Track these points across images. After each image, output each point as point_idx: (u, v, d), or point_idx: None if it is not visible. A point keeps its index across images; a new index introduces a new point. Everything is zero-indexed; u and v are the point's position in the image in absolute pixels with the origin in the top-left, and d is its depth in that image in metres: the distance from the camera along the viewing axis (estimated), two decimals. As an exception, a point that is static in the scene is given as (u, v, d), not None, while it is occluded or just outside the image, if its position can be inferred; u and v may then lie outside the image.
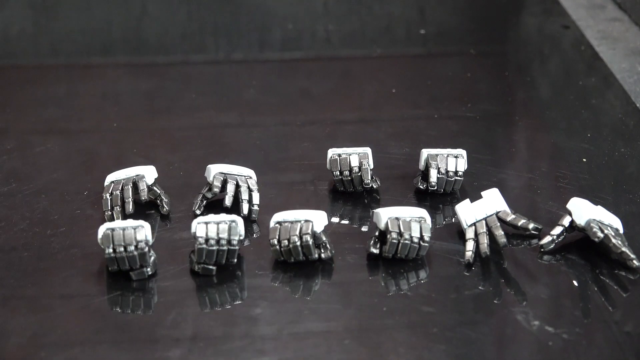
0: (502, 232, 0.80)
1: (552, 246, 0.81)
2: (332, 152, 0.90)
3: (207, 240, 0.77)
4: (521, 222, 0.81)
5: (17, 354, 0.72)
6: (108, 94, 1.13)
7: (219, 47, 1.28)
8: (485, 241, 0.80)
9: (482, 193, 0.83)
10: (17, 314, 0.75)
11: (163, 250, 0.81)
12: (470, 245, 0.80)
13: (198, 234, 0.77)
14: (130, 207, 0.85)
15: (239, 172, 0.88)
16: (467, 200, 0.83)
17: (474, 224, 0.81)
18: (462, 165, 0.89)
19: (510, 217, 0.81)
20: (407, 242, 0.79)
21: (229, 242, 0.78)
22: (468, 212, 0.82)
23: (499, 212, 0.81)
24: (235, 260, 0.79)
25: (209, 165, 0.88)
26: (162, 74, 1.19)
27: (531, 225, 0.82)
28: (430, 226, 0.80)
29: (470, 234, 0.81)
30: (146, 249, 0.77)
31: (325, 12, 1.37)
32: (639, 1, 1.29)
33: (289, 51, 1.27)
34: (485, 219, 0.81)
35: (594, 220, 0.80)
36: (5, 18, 1.34)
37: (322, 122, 1.05)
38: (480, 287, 0.78)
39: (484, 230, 0.80)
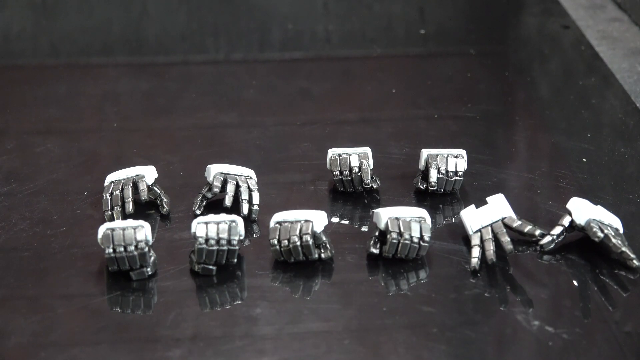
0: (509, 239, 0.79)
1: (552, 246, 0.81)
2: (332, 152, 0.90)
3: (207, 240, 0.77)
4: (527, 228, 0.81)
5: (17, 354, 0.72)
6: (108, 94, 1.13)
7: (219, 47, 1.28)
8: (491, 247, 0.79)
9: (488, 199, 0.83)
10: (17, 314, 0.75)
11: (163, 250, 0.81)
12: (476, 252, 0.79)
13: (198, 234, 0.77)
14: (130, 207, 0.85)
15: (239, 172, 0.88)
16: (472, 206, 0.82)
17: (480, 230, 0.81)
18: (462, 165, 0.89)
19: (517, 224, 0.81)
20: (407, 242, 0.79)
21: (229, 242, 0.78)
22: (473, 218, 0.81)
23: (504, 218, 0.81)
24: (235, 260, 0.79)
25: (209, 165, 0.88)
26: (162, 74, 1.19)
27: (538, 232, 0.81)
28: (430, 226, 0.80)
29: (475, 240, 0.80)
30: (146, 249, 0.77)
31: (325, 12, 1.37)
32: (639, 1, 1.29)
33: (289, 51, 1.27)
34: (491, 225, 0.81)
35: (594, 220, 0.80)
36: (5, 18, 1.34)
37: (322, 122, 1.05)
38: (480, 288, 0.78)
39: (490, 236, 0.80)
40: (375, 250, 0.80)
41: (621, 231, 0.81)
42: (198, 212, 0.86)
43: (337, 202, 0.89)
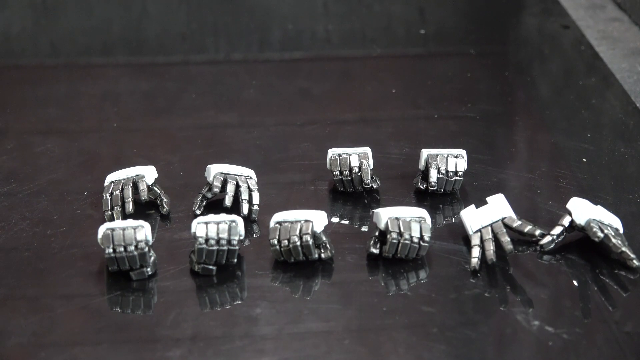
0: (509, 239, 0.79)
1: (552, 246, 0.81)
2: (332, 152, 0.90)
3: (207, 240, 0.77)
4: (527, 228, 0.81)
5: (17, 354, 0.72)
6: (108, 94, 1.13)
7: (219, 47, 1.28)
8: (491, 247, 0.79)
9: (488, 199, 0.82)
10: (17, 314, 0.75)
11: (163, 250, 0.81)
12: (476, 252, 0.79)
13: (198, 234, 0.77)
14: (130, 207, 0.85)
15: (239, 172, 0.88)
16: (472, 206, 0.82)
17: (480, 230, 0.81)
18: (462, 165, 0.89)
19: (517, 224, 0.81)
20: (407, 242, 0.79)
21: (229, 242, 0.78)
22: (473, 218, 0.81)
23: (504, 218, 0.81)
24: (235, 260, 0.79)
25: (209, 165, 0.88)
26: (162, 74, 1.19)
27: (538, 232, 0.81)
28: (430, 226, 0.80)
29: (475, 240, 0.80)
30: (146, 249, 0.77)
31: (325, 12, 1.37)
32: (639, 1, 1.29)
33: (289, 51, 1.27)
34: (491, 225, 0.81)
35: (594, 220, 0.80)
36: (5, 18, 1.34)
37: (322, 122, 1.05)
38: (480, 288, 0.78)
39: (490, 236, 0.80)
40: (375, 250, 0.80)
41: (621, 231, 0.81)
42: (198, 212, 0.86)
43: (337, 202, 0.89)
